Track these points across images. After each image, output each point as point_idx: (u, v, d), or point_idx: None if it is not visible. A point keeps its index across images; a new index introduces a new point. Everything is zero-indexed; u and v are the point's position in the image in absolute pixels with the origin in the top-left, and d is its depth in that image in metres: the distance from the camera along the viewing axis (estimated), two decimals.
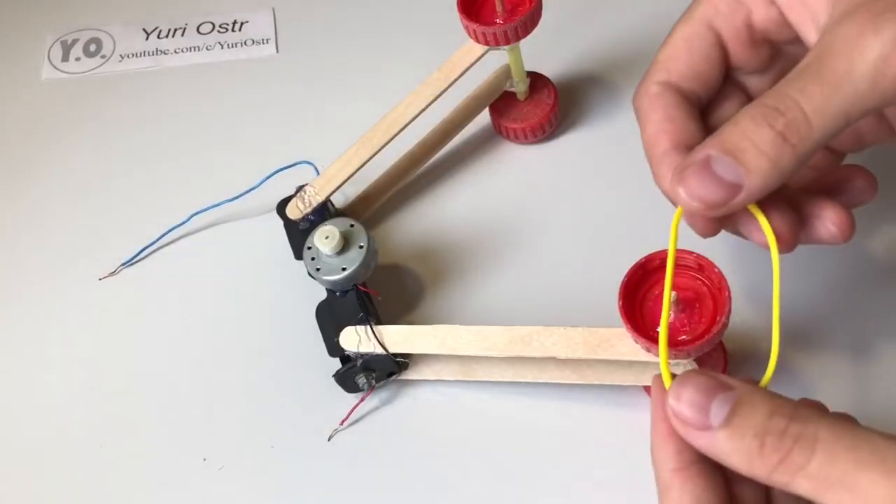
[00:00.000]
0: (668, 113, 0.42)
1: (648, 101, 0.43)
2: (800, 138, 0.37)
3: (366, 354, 0.49)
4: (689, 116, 0.42)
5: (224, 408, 0.53)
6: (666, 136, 0.42)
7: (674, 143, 0.42)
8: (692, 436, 0.36)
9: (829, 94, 0.37)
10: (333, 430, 0.51)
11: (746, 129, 0.38)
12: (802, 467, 0.33)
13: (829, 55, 0.37)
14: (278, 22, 0.70)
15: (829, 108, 0.37)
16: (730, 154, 0.38)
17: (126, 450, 0.53)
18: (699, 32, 0.43)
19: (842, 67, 0.36)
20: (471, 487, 0.49)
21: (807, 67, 0.37)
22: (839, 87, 0.36)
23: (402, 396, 0.52)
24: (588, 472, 0.48)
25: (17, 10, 0.72)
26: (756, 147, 0.37)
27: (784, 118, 0.37)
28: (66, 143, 0.65)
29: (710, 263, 0.42)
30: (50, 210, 0.62)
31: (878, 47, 0.36)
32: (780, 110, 0.37)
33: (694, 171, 0.38)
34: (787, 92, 0.37)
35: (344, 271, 0.50)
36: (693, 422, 0.35)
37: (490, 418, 0.51)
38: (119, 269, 0.59)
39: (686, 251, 0.42)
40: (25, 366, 0.56)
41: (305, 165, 0.58)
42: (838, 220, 0.42)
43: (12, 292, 0.59)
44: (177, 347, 0.56)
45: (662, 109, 0.42)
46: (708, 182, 0.38)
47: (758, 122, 0.37)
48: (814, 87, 0.37)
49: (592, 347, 0.45)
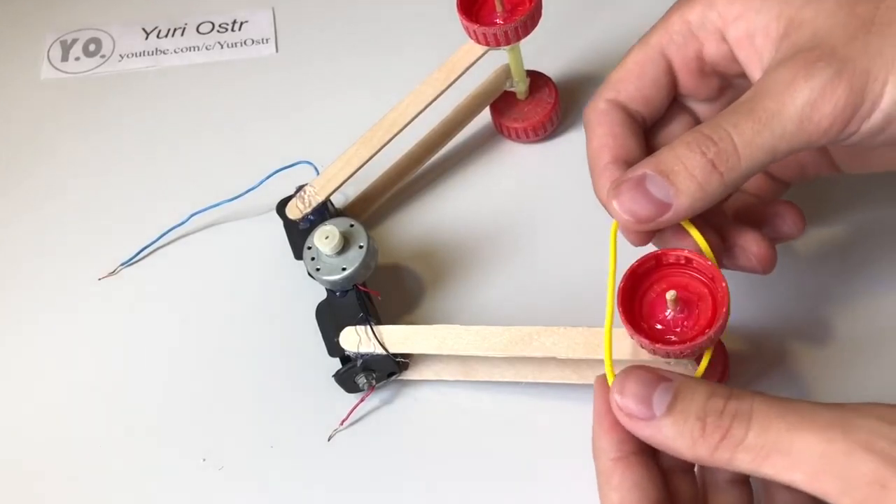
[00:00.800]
0: (613, 129, 0.45)
1: (596, 115, 0.46)
2: (728, 167, 0.40)
3: (366, 355, 0.49)
4: (631, 134, 0.45)
5: (224, 408, 0.53)
6: (608, 150, 0.45)
7: (614, 157, 0.44)
8: (638, 427, 0.38)
9: (758, 130, 0.40)
10: (333, 431, 0.51)
11: (681, 153, 0.41)
12: (741, 441, 0.36)
13: (763, 95, 0.40)
14: (278, 22, 0.70)
15: (758, 143, 0.40)
16: (663, 174, 0.41)
17: (126, 450, 0.52)
18: (652, 58, 0.46)
19: (773, 107, 0.39)
20: (471, 487, 0.49)
21: (743, 103, 0.41)
22: (768, 125, 0.39)
23: (403, 396, 0.52)
24: (588, 472, 0.47)
25: (17, 9, 0.72)
26: (687, 171, 0.40)
27: (716, 147, 0.40)
28: (66, 143, 0.65)
29: (719, 273, 0.42)
30: (49, 209, 0.62)
31: (807, 93, 0.39)
32: (713, 140, 0.40)
33: (628, 188, 0.42)
34: (722, 124, 0.40)
35: (344, 271, 0.50)
36: (637, 413, 0.38)
37: (490, 418, 0.51)
38: (119, 268, 0.59)
39: (701, 256, 0.42)
40: (25, 366, 0.56)
41: (305, 165, 0.58)
42: (760, 254, 0.46)
43: (12, 293, 0.59)
44: (176, 347, 0.55)
45: (608, 125, 0.45)
46: (640, 198, 0.41)
47: (692, 149, 0.40)
48: (746, 122, 0.40)
49: (593, 347, 0.45)
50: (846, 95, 0.39)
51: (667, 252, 0.42)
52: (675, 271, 0.43)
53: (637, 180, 0.41)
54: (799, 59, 0.40)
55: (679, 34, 0.45)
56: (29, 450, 0.53)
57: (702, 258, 0.42)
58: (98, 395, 0.54)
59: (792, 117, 0.39)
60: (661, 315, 0.42)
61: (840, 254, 0.53)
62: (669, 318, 0.42)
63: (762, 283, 0.51)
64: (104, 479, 0.52)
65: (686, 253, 0.42)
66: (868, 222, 0.54)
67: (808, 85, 0.39)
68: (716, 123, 0.41)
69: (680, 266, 0.43)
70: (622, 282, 0.42)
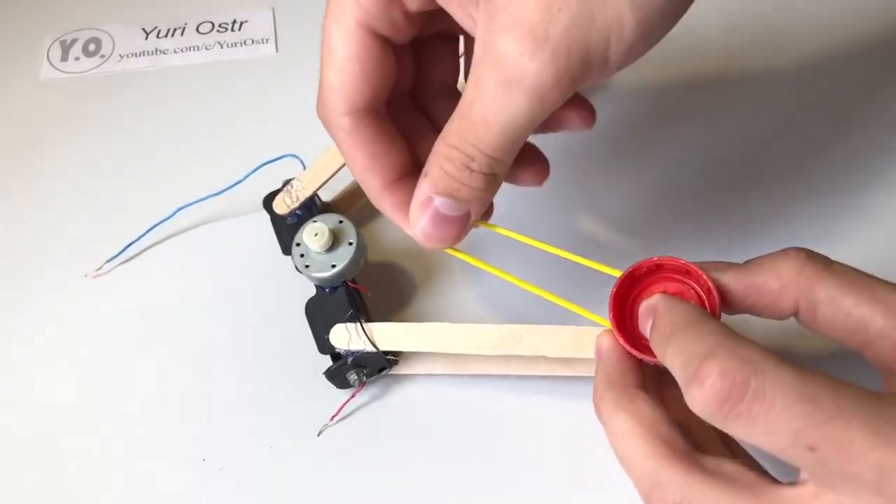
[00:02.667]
0: (369, 150, 0.44)
1: (344, 137, 0.44)
2: (492, 165, 0.41)
3: (356, 352, 0.49)
4: (389, 143, 0.44)
5: (222, 407, 0.53)
6: (373, 174, 0.44)
7: (384, 181, 0.44)
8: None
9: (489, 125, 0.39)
10: (323, 426, 0.51)
11: (449, 170, 0.41)
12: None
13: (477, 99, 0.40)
14: (278, 22, 0.70)
15: (503, 135, 0.40)
16: (447, 195, 0.42)
17: (126, 450, 0.52)
18: (363, 43, 0.42)
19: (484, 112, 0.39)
20: (464, 480, 0.49)
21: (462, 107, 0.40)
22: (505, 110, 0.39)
23: (396, 391, 0.52)
24: (579, 463, 0.47)
25: (17, 9, 0.73)
26: (463, 184, 0.41)
27: (464, 155, 0.40)
28: (65, 143, 0.65)
29: (712, 285, 0.41)
30: (50, 208, 0.62)
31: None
32: (458, 148, 0.40)
33: (425, 219, 0.42)
34: (463, 133, 0.40)
35: (333, 268, 0.50)
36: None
37: (480, 412, 0.51)
38: (104, 265, 0.58)
39: (674, 259, 0.42)
40: (16, 365, 0.56)
41: (291, 159, 0.57)
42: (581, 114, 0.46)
43: (11, 295, 0.59)
44: (167, 344, 0.55)
45: (361, 148, 0.44)
46: (441, 224, 0.42)
47: (456, 166, 0.41)
48: (463, 125, 0.40)
49: (580, 347, 0.45)
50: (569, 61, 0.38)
51: (665, 260, 0.42)
52: (671, 279, 0.42)
53: (426, 206, 0.42)
54: (513, 30, 0.38)
55: (371, 3, 0.41)
56: (26, 450, 0.53)
57: (698, 269, 0.41)
58: (98, 394, 0.54)
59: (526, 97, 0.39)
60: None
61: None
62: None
63: None
64: (104, 479, 0.51)
65: (683, 262, 0.41)
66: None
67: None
68: (457, 131, 0.40)
69: (677, 275, 0.42)
70: (616, 285, 0.42)
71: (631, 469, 0.38)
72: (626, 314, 0.42)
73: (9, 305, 0.58)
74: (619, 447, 0.38)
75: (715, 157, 0.60)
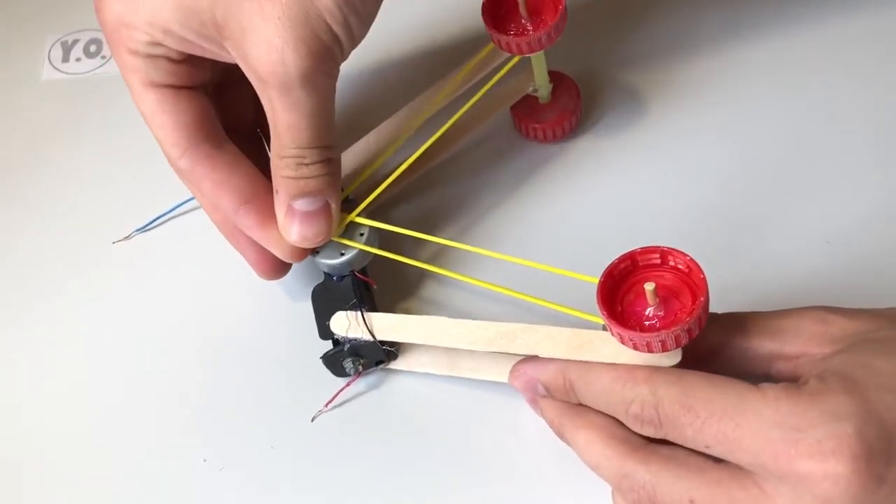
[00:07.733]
0: (213, 178, 0.49)
1: (188, 175, 0.49)
2: (320, 154, 0.46)
3: (354, 339, 0.50)
4: (232, 169, 0.49)
5: (224, 407, 0.53)
6: (221, 199, 0.49)
7: (235, 204, 0.49)
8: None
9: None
10: (317, 412, 0.52)
11: (288, 175, 0.46)
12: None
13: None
14: None
15: (305, 133, 0.46)
16: (300, 195, 0.47)
17: (125, 451, 0.52)
18: (157, 100, 0.48)
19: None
20: (459, 474, 0.50)
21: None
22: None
23: (396, 391, 0.52)
24: (569, 459, 0.47)
25: (17, 10, 0.73)
26: (309, 178, 0.46)
27: (294, 159, 0.46)
28: (67, 144, 0.65)
29: (695, 264, 0.42)
30: (50, 209, 0.62)
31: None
32: (288, 156, 0.46)
33: (295, 224, 0.48)
34: (283, 146, 0.46)
35: (342, 256, 0.51)
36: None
37: (475, 406, 0.51)
38: (133, 234, 0.59)
39: (673, 250, 0.43)
40: (16, 365, 0.56)
41: None
42: None
43: (9, 299, 0.59)
44: (169, 341, 0.56)
45: (205, 178, 0.49)
46: (310, 221, 0.48)
47: (292, 169, 0.46)
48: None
49: (574, 348, 0.45)
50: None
51: (641, 252, 0.43)
52: (651, 271, 0.43)
53: (291, 213, 0.47)
54: (260, 47, 0.44)
55: (137, 61, 0.47)
56: (24, 449, 0.53)
57: (678, 253, 0.42)
58: (97, 395, 0.54)
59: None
60: (643, 314, 0.43)
61: None
62: (651, 316, 0.43)
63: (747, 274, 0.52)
64: (103, 480, 0.51)
65: (658, 251, 0.43)
66: None
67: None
68: (279, 146, 0.46)
69: (656, 266, 0.43)
70: (601, 280, 0.43)
71: (602, 472, 0.43)
72: (617, 313, 0.43)
73: (7, 311, 0.58)
74: (587, 457, 0.44)
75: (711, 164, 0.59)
